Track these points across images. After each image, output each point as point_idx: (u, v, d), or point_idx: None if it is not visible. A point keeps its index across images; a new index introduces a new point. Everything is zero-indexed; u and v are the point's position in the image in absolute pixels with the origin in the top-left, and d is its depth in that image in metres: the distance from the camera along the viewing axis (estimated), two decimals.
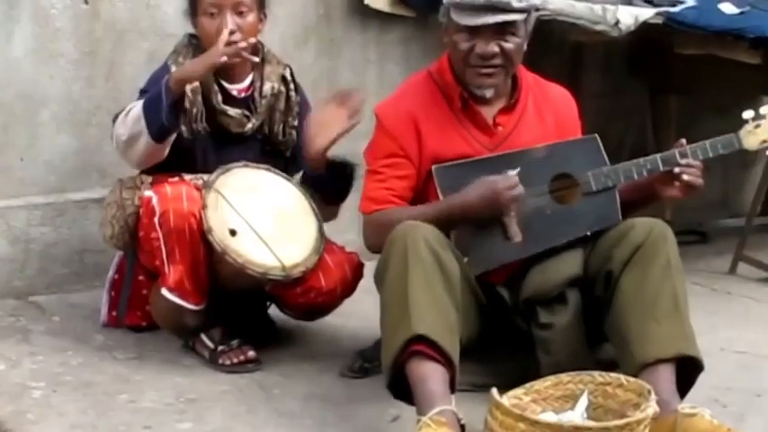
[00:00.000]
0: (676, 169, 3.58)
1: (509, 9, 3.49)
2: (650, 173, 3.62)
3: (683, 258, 3.48)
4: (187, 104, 3.81)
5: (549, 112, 3.73)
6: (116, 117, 3.84)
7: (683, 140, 3.65)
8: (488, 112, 3.65)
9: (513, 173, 3.49)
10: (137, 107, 3.74)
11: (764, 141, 3.70)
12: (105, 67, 4.44)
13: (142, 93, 3.87)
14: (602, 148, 3.68)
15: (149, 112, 3.68)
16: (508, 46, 3.54)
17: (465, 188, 3.50)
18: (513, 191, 3.48)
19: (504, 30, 3.52)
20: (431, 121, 3.61)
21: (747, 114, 3.69)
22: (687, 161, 3.58)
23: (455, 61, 3.61)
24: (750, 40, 4.87)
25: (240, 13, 3.83)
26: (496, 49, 3.53)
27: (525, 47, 3.60)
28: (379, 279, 3.38)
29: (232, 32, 3.79)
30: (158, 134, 3.69)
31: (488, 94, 3.61)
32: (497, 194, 3.48)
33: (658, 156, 3.63)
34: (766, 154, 3.79)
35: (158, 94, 3.68)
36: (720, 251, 5.54)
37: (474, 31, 3.52)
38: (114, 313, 4.05)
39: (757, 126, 3.68)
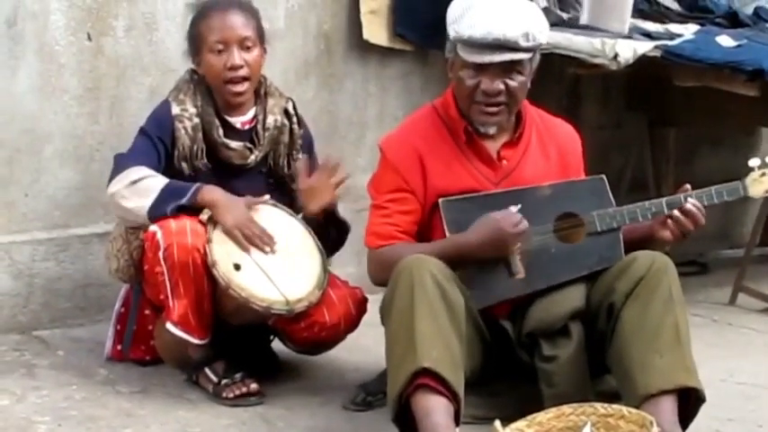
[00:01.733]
0: (675, 212, 3.59)
1: (516, 48, 3.51)
2: (655, 216, 3.63)
3: (683, 290, 3.50)
4: (188, 141, 3.85)
5: (553, 147, 3.75)
6: (119, 158, 3.84)
7: (688, 186, 3.65)
8: (493, 146, 3.67)
9: (514, 209, 3.52)
10: (153, 181, 3.71)
11: None
12: (108, 102, 4.45)
13: (142, 132, 3.89)
14: (608, 188, 3.70)
15: (164, 199, 3.68)
16: (513, 84, 3.56)
17: (469, 228, 3.53)
18: (518, 227, 3.51)
19: (510, 68, 3.55)
20: (435, 155, 3.63)
21: (754, 162, 3.69)
22: (693, 202, 3.59)
23: (460, 97, 3.63)
24: (747, 72, 4.88)
25: (247, 48, 3.87)
26: (501, 86, 3.55)
27: (529, 85, 3.63)
28: (385, 312, 3.40)
29: (239, 67, 3.83)
30: (153, 218, 3.68)
31: (491, 131, 3.64)
32: (502, 232, 3.50)
33: (664, 200, 3.65)
34: None
35: (183, 192, 3.69)
36: (720, 282, 5.55)
37: (480, 68, 3.55)
38: (119, 347, 4.04)
39: (763, 174, 3.68)
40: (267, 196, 3.86)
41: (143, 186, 3.72)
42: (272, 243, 3.75)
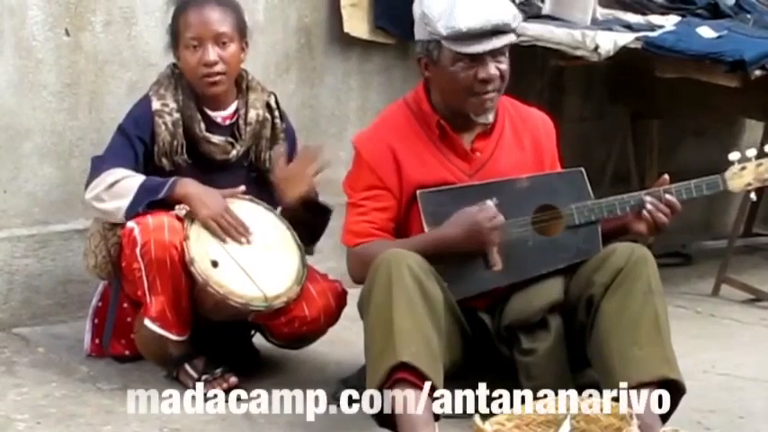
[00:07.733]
0: (648, 206, 3.59)
1: (508, 30, 3.52)
2: (633, 209, 3.63)
3: (666, 281, 3.50)
4: (168, 137, 3.83)
5: (527, 136, 3.74)
6: (95, 160, 3.82)
7: (667, 177, 3.66)
8: (466, 139, 3.67)
9: (490, 202, 3.51)
10: (130, 181, 3.71)
11: (749, 184, 3.70)
12: (87, 98, 4.44)
13: (120, 130, 3.87)
14: (587, 181, 3.69)
15: (140, 197, 3.68)
16: (503, 67, 3.57)
17: (445, 223, 3.52)
18: (494, 221, 3.50)
19: (500, 52, 3.55)
20: (409, 150, 3.62)
21: (733, 156, 3.69)
22: (671, 199, 3.59)
23: (453, 91, 3.58)
24: (728, 63, 4.88)
25: (222, 44, 3.85)
26: (497, 71, 3.55)
27: None
28: (364, 306, 3.39)
29: (213, 64, 3.82)
30: (129, 217, 3.68)
31: (491, 118, 3.63)
32: (478, 226, 3.49)
33: (643, 193, 3.65)
34: (750, 197, 3.81)
35: (158, 188, 3.69)
36: (703, 273, 5.56)
37: (476, 58, 3.53)
38: (98, 341, 4.03)
39: (743, 168, 3.68)
40: (242, 187, 3.84)
41: (120, 188, 3.71)
42: (248, 234, 3.74)
